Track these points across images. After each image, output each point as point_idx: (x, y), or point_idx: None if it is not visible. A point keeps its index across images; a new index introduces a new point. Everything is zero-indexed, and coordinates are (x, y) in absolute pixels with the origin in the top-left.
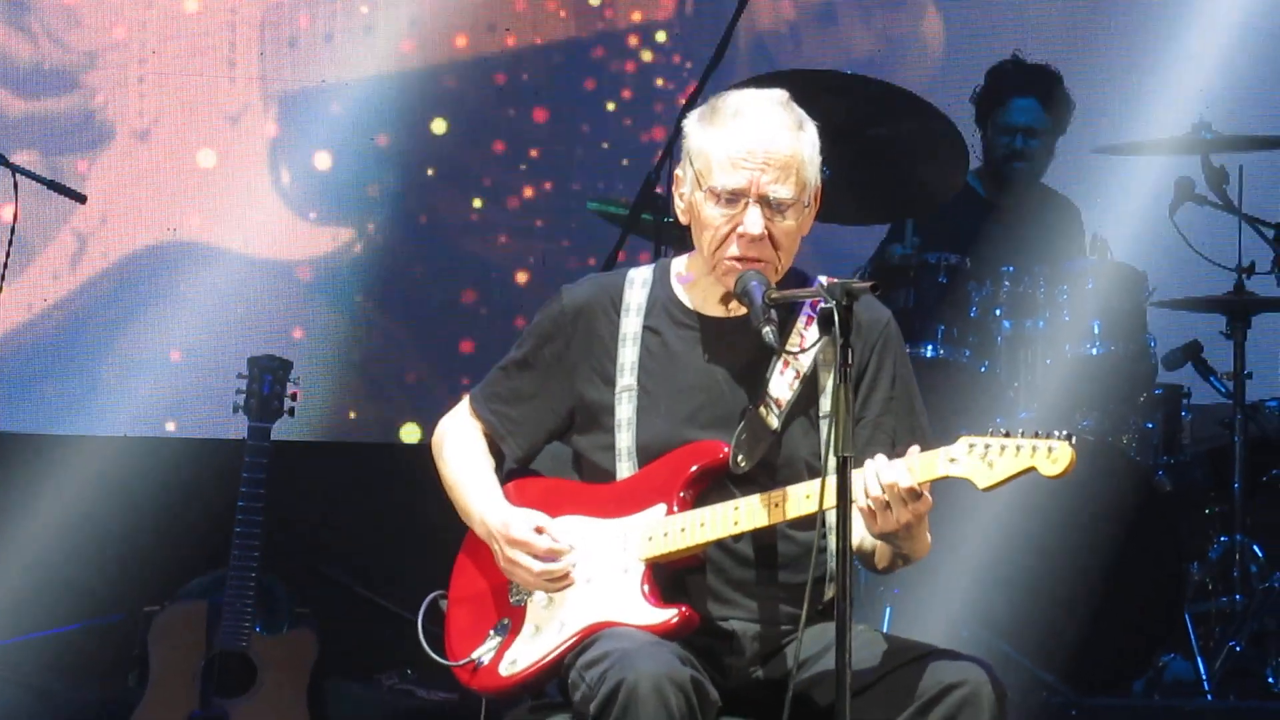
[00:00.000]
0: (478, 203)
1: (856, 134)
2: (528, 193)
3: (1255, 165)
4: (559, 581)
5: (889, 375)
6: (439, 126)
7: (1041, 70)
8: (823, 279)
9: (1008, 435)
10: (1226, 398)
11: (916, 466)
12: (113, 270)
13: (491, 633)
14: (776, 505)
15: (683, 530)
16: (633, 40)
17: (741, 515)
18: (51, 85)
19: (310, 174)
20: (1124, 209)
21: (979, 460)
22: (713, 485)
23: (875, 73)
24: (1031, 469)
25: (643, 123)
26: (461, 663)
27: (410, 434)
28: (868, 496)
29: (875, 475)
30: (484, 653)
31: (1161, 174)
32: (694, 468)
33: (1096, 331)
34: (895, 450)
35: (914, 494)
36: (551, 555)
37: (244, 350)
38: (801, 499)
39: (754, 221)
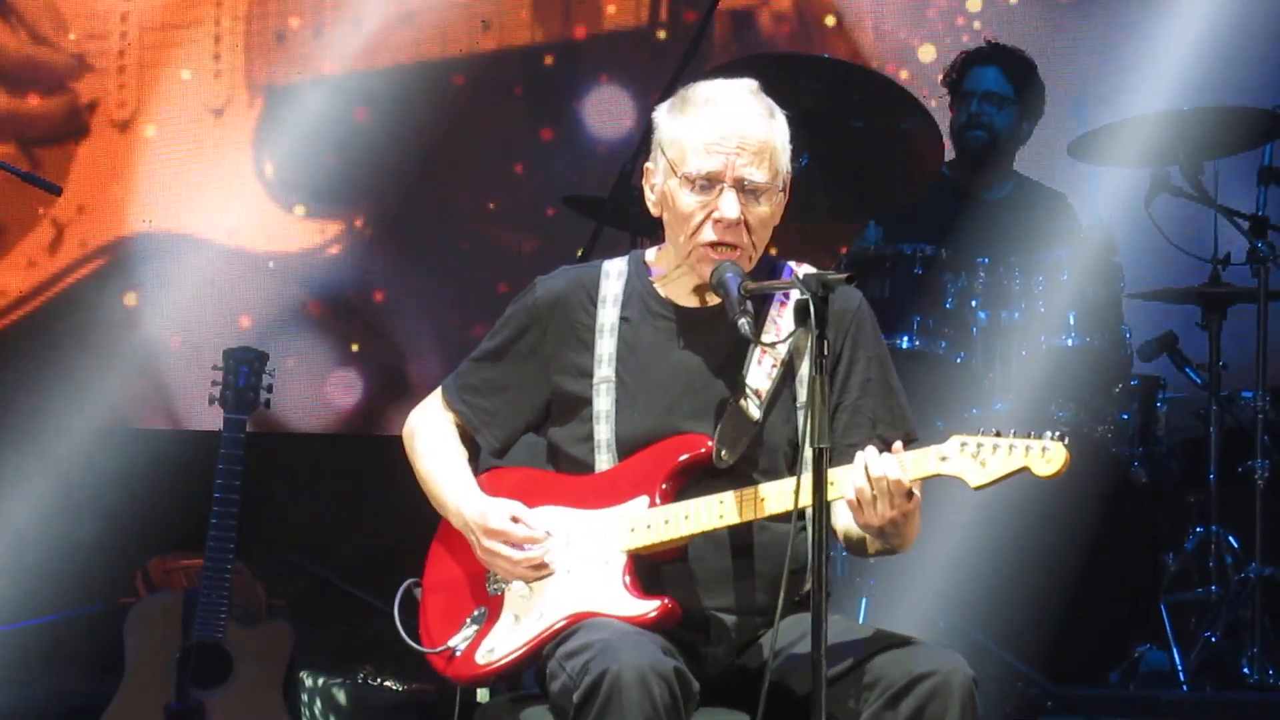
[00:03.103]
0: (462, 196)
1: (833, 122)
2: (509, 185)
3: (1229, 155)
4: (538, 570)
5: (864, 358)
6: (423, 120)
7: (1007, 47)
8: (794, 267)
9: (999, 435)
10: (1202, 389)
11: (908, 463)
12: (91, 260)
13: (468, 621)
14: (762, 500)
15: (666, 522)
16: (619, 35)
17: (726, 509)
18: (32, 76)
19: (295, 167)
20: (1099, 201)
21: (971, 459)
22: (694, 478)
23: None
24: (1025, 469)
25: (623, 116)
26: (437, 650)
27: None
28: (855, 491)
29: (864, 469)
30: (460, 641)
31: (1137, 166)
32: (678, 460)
33: (1072, 323)
34: (876, 432)
35: (904, 491)
36: (529, 542)
37: (226, 341)
38: (787, 494)
39: (730, 205)
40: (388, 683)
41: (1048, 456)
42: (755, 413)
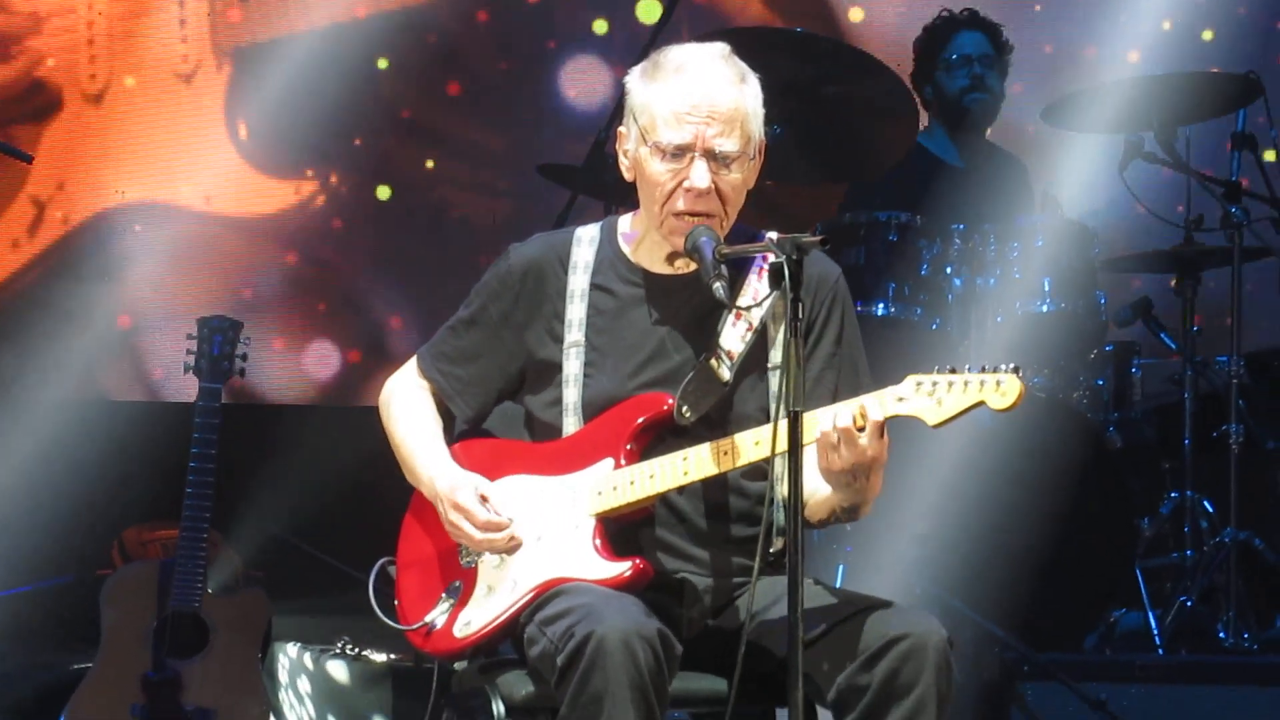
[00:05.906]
0: (434, 155)
1: (808, 92)
2: (482, 148)
3: (1203, 121)
4: (501, 547)
5: (834, 332)
6: (394, 76)
7: (976, 11)
8: (771, 234)
9: (954, 372)
10: (1177, 354)
11: (869, 407)
12: (72, 235)
13: (443, 595)
14: (725, 453)
15: (631, 483)
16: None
17: (690, 465)
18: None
19: (268, 128)
20: (1073, 166)
21: (927, 397)
22: (659, 438)
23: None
24: (981, 403)
25: (599, 80)
26: (414, 627)
27: None
28: (821, 434)
29: (833, 417)
30: (437, 616)
31: (1111, 132)
32: (639, 420)
33: (1047, 289)
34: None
35: (877, 429)
36: (491, 527)
37: (210, 309)
38: (750, 446)
39: (700, 175)
40: (366, 653)
41: (1002, 389)
42: (725, 374)
